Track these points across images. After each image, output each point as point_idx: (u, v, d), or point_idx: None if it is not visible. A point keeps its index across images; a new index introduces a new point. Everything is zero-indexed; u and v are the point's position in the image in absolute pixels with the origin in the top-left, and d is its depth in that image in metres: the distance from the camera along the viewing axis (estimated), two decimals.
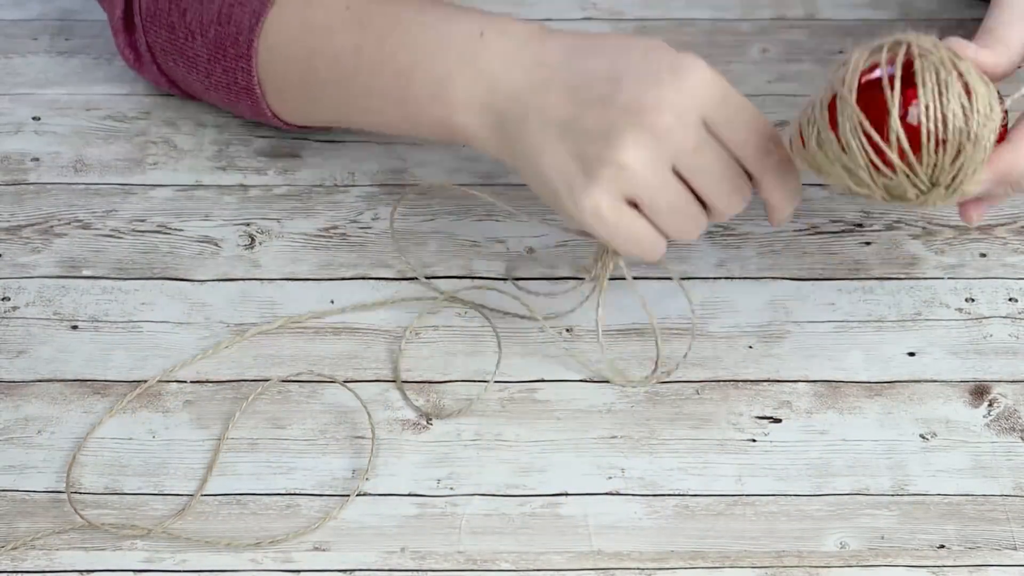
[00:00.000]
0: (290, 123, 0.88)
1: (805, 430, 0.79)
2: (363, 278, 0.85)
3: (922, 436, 0.78)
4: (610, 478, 0.77)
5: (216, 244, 0.87)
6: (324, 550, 0.74)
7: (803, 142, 0.72)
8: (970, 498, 0.76)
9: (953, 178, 0.68)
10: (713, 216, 0.75)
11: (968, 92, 0.68)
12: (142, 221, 0.88)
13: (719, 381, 0.81)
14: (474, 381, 0.81)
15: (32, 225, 0.88)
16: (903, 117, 0.67)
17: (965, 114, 0.67)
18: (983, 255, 0.86)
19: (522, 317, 0.83)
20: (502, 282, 0.84)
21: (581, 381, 0.81)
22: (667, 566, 0.74)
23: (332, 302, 0.84)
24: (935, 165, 0.68)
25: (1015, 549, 0.74)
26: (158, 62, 0.90)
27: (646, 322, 0.83)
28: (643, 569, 0.74)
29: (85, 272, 0.86)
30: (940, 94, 0.67)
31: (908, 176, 0.68)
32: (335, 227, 0.88)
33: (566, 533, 0.75)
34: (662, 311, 0.83)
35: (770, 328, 0.83)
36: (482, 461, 0.78)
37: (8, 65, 0.97)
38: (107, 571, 0.74)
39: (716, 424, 0.79)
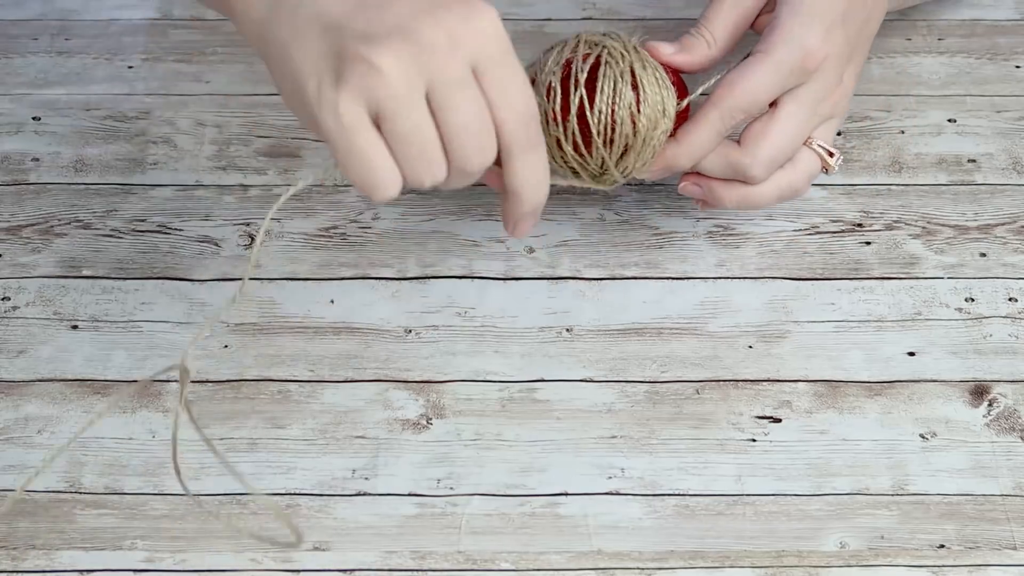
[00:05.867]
0: None
1: (805, 430, 0.79)
2: (363, 278, 0.85)
3: (922, 436, 0.78)
4: (610, 478, 0.77)
5: (216, 244, 0.87)
6: (324, 550, 0.74)
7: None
8: (970, 498, 0.76)
9: (623, 170, 0.79)
10: (449, 173, 0.70)
11: (639, 100, 0.77)
12: (142, 221, 0.88)
13: (719, 381, 0.81)
14: (475, 381, 0.81)
15: (32, 225, 0.88)
16: (580, 115, 0.77)
17: (633, 120, 0.77)
18: (983, 255, 0.86)
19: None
20: None
21: (581, 381, 0.81)
22: (667, 566, 0.74)
23: (332, 302, 0.84)
24: (603, 159, 0.78)
25: (1015, 549, 0.74)
26: None
27: (646, 322, 0.83)
28: (643, 569, 0.74)
29: (85, 272, 0.86)
30: (613, 102, 0.77)
31: (580, 163, 0.79)
32: (335, 227, 0.88)
33: (566, 533, 0.75)
34: (662, 311, 0.83)
35: (770, 328, 0.83)
36: (482, 461, 0.78)
37: (8, 65, 0.97)
38: (107, 571, 0.74)
39: (716, 424, 0.79)
